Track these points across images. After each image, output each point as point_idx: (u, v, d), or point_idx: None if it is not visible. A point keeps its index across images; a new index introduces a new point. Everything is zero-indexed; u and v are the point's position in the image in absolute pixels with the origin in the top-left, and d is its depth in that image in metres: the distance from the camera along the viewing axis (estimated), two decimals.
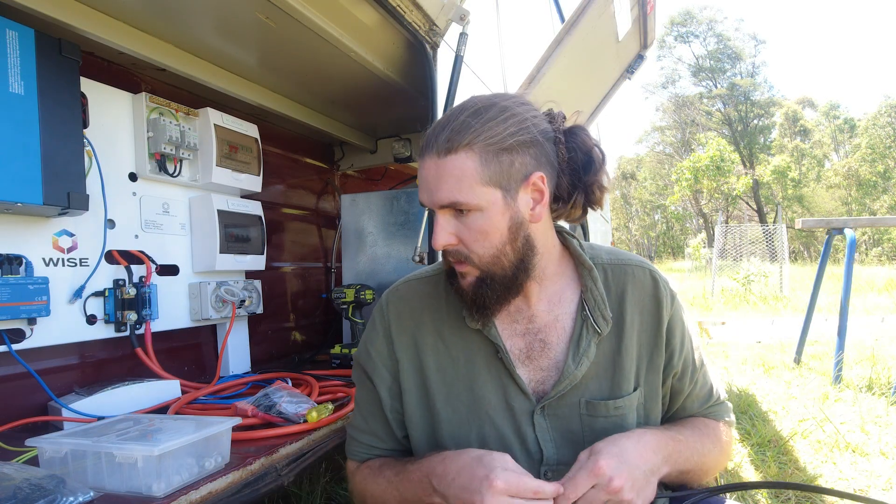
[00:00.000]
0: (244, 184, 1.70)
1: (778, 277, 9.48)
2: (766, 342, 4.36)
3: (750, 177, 28.11)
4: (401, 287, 0.95)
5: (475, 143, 0.74)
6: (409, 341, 0.90)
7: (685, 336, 0.89)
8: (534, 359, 0.86)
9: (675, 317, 0.89)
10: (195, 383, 1.51)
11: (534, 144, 0.77)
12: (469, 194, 0.75)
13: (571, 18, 2.01)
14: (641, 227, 40.06)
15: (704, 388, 0.92)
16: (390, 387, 0.91)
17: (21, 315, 1.11)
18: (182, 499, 0.84)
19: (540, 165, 0.78)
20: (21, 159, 1.06)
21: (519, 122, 0.76)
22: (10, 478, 0.78)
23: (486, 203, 0.75)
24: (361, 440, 0.94)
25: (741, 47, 36.08)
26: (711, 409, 0.93)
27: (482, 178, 0.75)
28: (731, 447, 0.94)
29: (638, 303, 0.87)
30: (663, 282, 0.90)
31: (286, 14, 1.29)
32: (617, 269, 0.89)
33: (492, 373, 0.86)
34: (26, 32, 1.08)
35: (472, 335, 0.87)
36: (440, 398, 0.87)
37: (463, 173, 0.74)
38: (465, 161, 0.74)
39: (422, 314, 0.91)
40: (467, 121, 0.75)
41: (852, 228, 3.17)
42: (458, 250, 0.79)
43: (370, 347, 0.92)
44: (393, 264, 1.97)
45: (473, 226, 0.77)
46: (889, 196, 28.29)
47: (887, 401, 2.55)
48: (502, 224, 0.77)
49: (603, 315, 0.85)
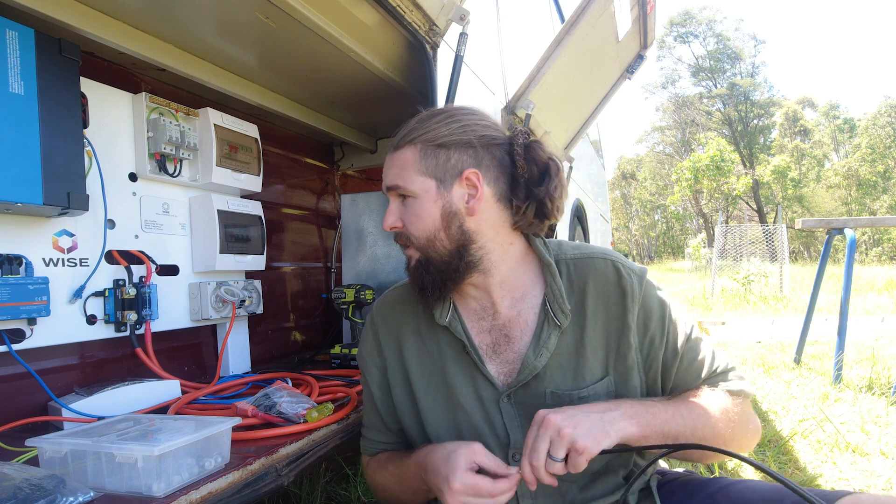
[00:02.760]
0: (244, 184, 1.70)
1: (778, 277, 9.48)
2: (766, 342, 4.36)
3: (750, 177, 28.12)
4: (388, 294, 1.06)
5: (418, 139, 0.88)
6: (394, 341, 0.99)
7: (665, 315, 0.90)
8: (500, 353, 0.92)
9: (648, 299, 0.90)
10: (195, 383, 1.51)
11: (472, 146, 0.87)
12: (408, 181, 0.87)
13: (571, 18, 2.01)
14: (641, 227, 40.06)
15: (696, 361, 0.90)
16: (380, 383, 1.01)
17: (21, 315, 1.11)
18: (182, 499, 0.84)
19: (478, 165, 0.87)
20: (21, 159, 1.06)
21: (460, 126, 0.88)
22: (10, 478, 0.78)
23: (420, 190, 0.87)
24: (368, 436, 1.05)
25: (741, 47, 36.10)
26: (710, 381, 0.91)
27: (419, 169, 0.87)
28: (746, 416, 0.89)
29: (601, 294, 0.90)
30: (627, 270, 0.91)
31: (286, 14, 1.29)
32: (580, 262, 0.93)
33: (461, 366, 0.93)
34: (26, 32, 1.08)
35: (443, 332, 0.95)
36: (421, 389, 0.96)
37: (405, 163, 0.88)
38: (407, 153, 0.88)
39: (404, 315, 1.00)
40: (417, 123, 0.90)
41: (852, 228, 3.17)
42: (401, 232, 0.91)
43: (363, 350, 1.04)
44: (393, 264, 1.97)
45: (410, 210, 0.89)
46: (889, 196, 28.29)
47: (887, 401, 2.55)
48: (434, 210, 0.87)
49: (561, 308, 0.89)
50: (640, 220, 40.35)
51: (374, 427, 1.04)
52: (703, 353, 0.91)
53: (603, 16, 2.10)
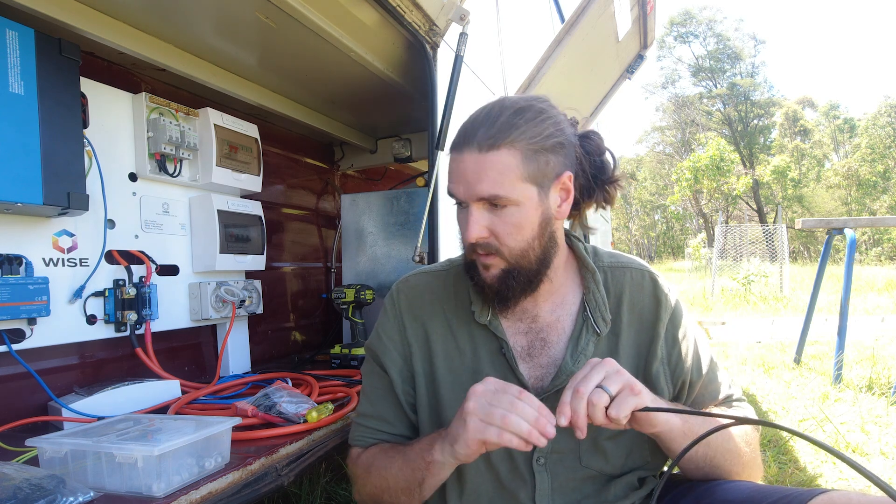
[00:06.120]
0: (244, 184, 1.70)
1: (778, 277, 9.47)
2: (766, 342, 4.36)
3: (750, 177, 28.11)
4: (411, 278, 0.99)
5: (518, 141, 0.78)
6: (420, 328, 0.94)
7: (689, 332, 0.92)
8: (534, 356, 0.90)
9: (677, 314, 0.91)
10: (195, 383, 1.51)
11: (565, 146, 0.82)
12: (510, 189, 0.78)
13: (571, 18, 2.01)
14: (641, 227, 40.05)
15: (716, 383, 0.92)
16: (401, 370, 0.93)
17: (21, 315, 1.11)
18: (182, 499, 0.84)
19: (569, 165, 0.83)
20: (21, 159, 1.06)
21: (555, 124, 0.81)
22: (10, 478, 0.78)
23: (523, 198, 0.79)
24: (368, 425, 0.95)
25: (741, 47, 36.09)
26: (725, 404, 0.93)
27: (522, 175, 0.78)
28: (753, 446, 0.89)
29: (636, 304, 0.91)
30: (664, 282, 0.93)
31: (286, 14, 1.29)
32: (616, 271, 0.93)
33: (495, 367, 0.89)
34: (26, 32, 1.08)
35: (478, 330, 0.91)
36: (445, 385, 0.91)
37: (506, 168, 0.78)
38: (508, 157, 0.78)
39: (432, 304, 0.95)
40: (511, 119, 0.79)
41: (852, 228, 3.17)
42: (488, 243, 0.82)
43: (382, 334, 0.96)
44: (393, 264, 1.97)
45: (509, 220, 0.80)
46: (889, 196, 28.28)
47: (887, 401, 2.55)
48: (535, 219, 0.81)
49: (603, 317, 0.89)
50: (640, 220, 40.34)
51: (378, 416, 0.94)
52: (722, 378, 0.93)
53: (603, 16, 2.10)
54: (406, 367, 0.94)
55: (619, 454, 0.88)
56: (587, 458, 0.88)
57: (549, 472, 0.87)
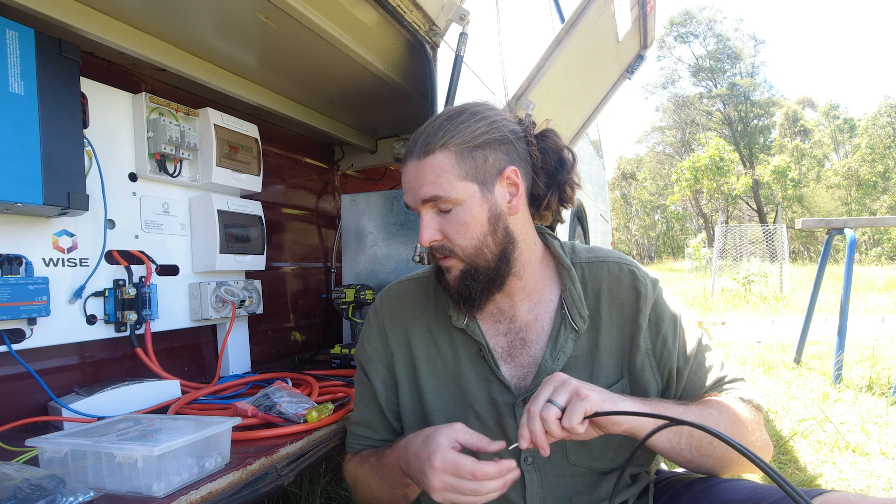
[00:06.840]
0: (244, 184, 1.70)
1: (778, 277, 9.47)
2: (766, 342, 4.35)
3: (750, 177, 28.12)
4: (393, 287, 1.02)
5: (450, 142, 0.81)
6: (402, 336, 0.96)
7: (676, 319, 0.90)
8: (515, 357, 0.91)
9: (659, 303, 0.90)
10: (195, 383, 1.51)
11: (505, 142, 0.84)
12: (448, 188, 0.81)
13: (571, 18, 2.01)
14: (641, 227, 40.05)
15: (705, 366, 0.91)
16: (385, 378, 0.97)
17: (21, 315, 1.11)
18: (182, 499, 0.84)
19: (513, 161, 0.85)
20: (21, 159, 1.06)
21: (489, 123, 0.83)
22: (10, 478, 0.78)
23: (464, 196, 0.81)
24: (356, 432, 1.00)
25: (741, 47, 36.10)
26: (718, 386, 0.91)
27: (459, 174, 0.81)
28: (757, 424, 0.86)
29: (615, 298, 0.90)
30: (642, 273, 0.92)
31: (286, 14, 1.29)
32: (594, 266, 0.93)
33: (476, 369, 0.91)
34: (26, 32, 1.08)
35: (458, 334, 0.93)
36: (429, 389, 0.93)
37: (441, 170, 0.81)
38: (442, 159, 0.81)
39: (413, 311, 0.97)
40: (442, 124, 0.83)
41: (852, 228, 3.16)
42: (442, 245, 0.84)
43: (366, 344, 0.99)
44: (393, 264, 1.97)
45: (455, 219, 0.82)
46: (889, 196, 28.29)
47: (887, 401, 2.55)
48: (481, 215, 0.83)
49: (580, 313, 0.89)
50: (640, 220, 40.34)
51: (364, 423, 0.99)
52: (713, 360, 0.92)
53: (603, 16, 2.09)
54: (389, 376, 0.97)
55: (606, 449, 0.88)
56: (574, 456, 0.88)
57: (538, 470, 0.88)
